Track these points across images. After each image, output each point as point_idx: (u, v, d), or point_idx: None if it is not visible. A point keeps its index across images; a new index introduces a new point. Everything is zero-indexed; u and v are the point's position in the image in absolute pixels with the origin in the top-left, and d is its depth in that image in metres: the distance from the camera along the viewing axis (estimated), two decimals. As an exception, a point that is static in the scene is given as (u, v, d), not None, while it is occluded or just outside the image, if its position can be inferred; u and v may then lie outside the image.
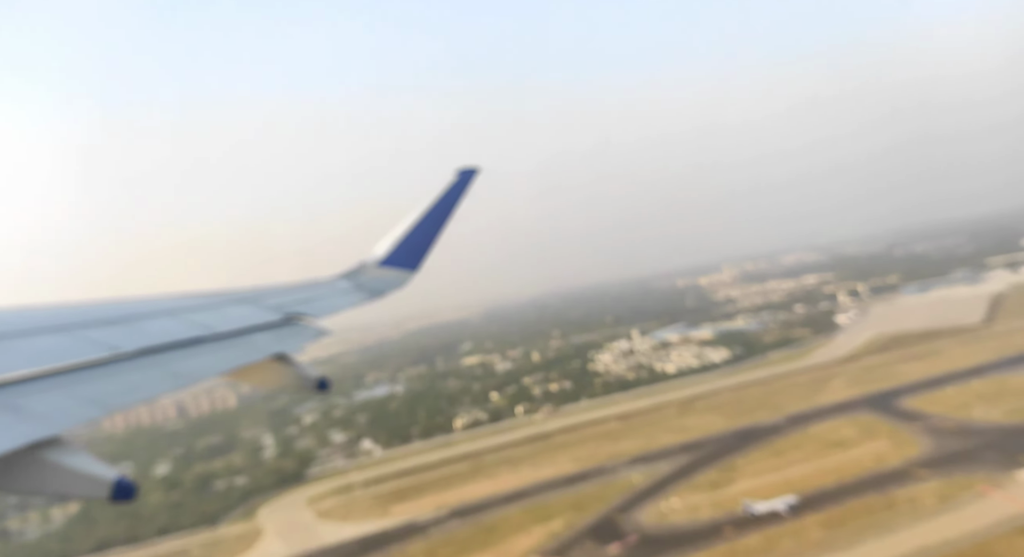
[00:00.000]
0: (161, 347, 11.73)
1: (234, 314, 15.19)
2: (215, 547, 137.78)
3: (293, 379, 13.60)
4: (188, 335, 12.75)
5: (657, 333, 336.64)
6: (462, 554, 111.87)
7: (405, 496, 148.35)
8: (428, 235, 23.13)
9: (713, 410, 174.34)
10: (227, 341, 13.33)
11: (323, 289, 20.16)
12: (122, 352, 10.90)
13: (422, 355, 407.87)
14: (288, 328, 15.33)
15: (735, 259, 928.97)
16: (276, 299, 17.39)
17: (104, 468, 7.64)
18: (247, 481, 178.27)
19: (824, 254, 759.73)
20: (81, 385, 9.33)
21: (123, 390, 9.61)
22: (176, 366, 11.28)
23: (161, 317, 13.56)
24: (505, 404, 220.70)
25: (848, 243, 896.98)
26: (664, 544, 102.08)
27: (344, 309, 18.37)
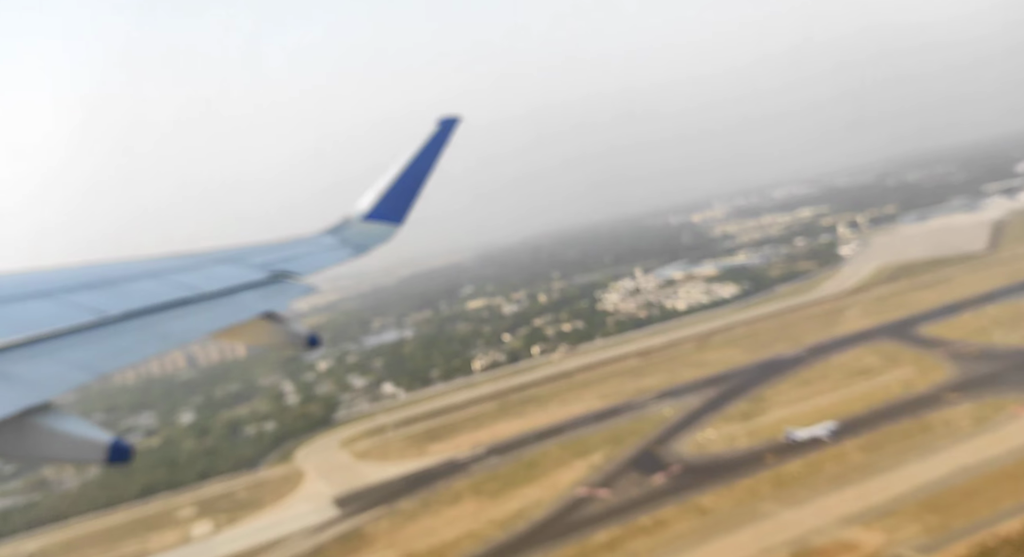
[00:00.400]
0: (147, 309, 11.82)
1: (219, 274, 15.26)
2: (260, 488, 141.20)
3: (283, 337, 13.78)
4: (174, 296, 12.83)
5: (660, 271, 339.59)
6: (508, 489, 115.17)
7: (438, 436, 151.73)
8: (412, 187, 22.99)
9: (731, 344, 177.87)
10: (213, 301, 13.45)
11: (308, 246, 20.23)
12: (108, 316, 10.96)
13: (424, 300, 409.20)
14: (274, 286, 15.43)
15: (725, 195, 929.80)
16: (261, 257, 17.52)
17: (99, 432, 7.79)
18: (276, 426, 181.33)
19: (814, 186, 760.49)
20: (69, 350, 9.38)
21: (112, 354, 9.72)
22: (163, 328, 11.39)
23: (145, 279, 13.61)
24: (521, 345, 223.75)
25: (837, 175, 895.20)
26: (707, 472, 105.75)
27: (330, 265, 18.45)
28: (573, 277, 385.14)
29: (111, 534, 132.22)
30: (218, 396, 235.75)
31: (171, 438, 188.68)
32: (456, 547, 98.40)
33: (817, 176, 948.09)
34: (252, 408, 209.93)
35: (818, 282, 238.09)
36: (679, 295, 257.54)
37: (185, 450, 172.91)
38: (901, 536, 78.34)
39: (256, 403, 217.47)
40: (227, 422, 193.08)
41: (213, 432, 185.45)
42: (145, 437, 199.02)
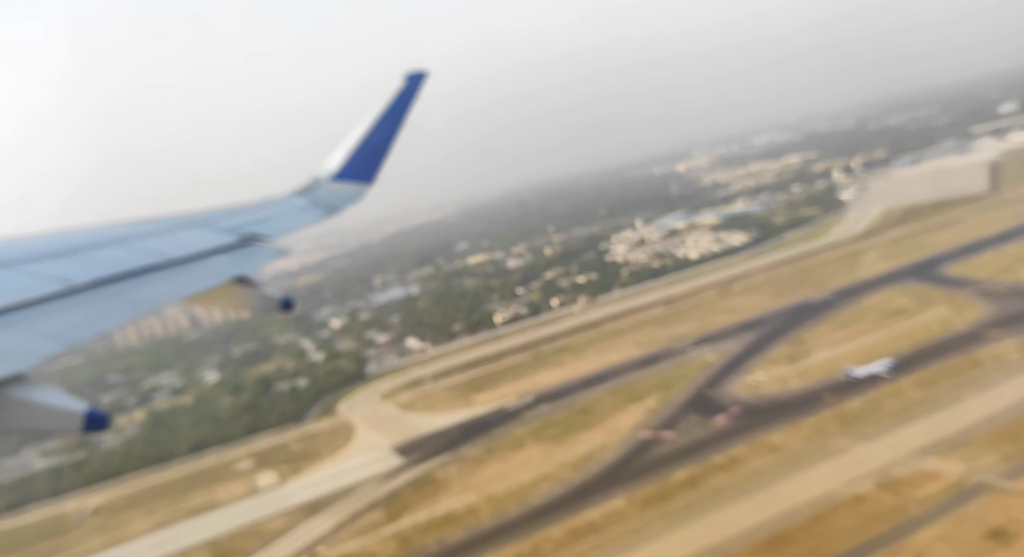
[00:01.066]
0: (115, 277, 11.71)
1: (187, 239, 15.21)
2: (312, 441, 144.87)
3: (255, 301, 13.96)
4: (142, 263, 12.75)
5: (660, 221, 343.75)
6: (569, 434, 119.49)
7: (480, 387, 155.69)
8: (381, 144, 22.55)
9: (754, 291, 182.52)
10: (183, 267, 13.39)
11: (278, 208, 20.08)
12: (76, 284, 10.84)
13: (421, 257, 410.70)
14: (245, 250, 15.46)
15: (703, 144, 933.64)
16: (230, 221, 17.49)
17: (74, 401, 7.84)
18: (310, 382, 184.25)
19: (795, 133, 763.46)
20: (38, 320, 9.33)
21: (82, 323, 9.68)
22: (133, 295, 11.29)
23: (112, 246, 13.53)
24: (539, 298, 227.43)
25: (815, 120, 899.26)
26: (768, 413, 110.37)
27: (301, 227, 18.43)
28: (571, 230, 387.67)
29: (173, 487, 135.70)
30: (236, 355, 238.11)
31: (204, 396, 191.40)
32: (534, 489, 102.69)
33: (794, 122, 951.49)
34: (277, 365, 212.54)
35: (826, 228, 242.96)
36: (687, 244, 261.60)
37: (223, 407, 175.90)
38: (981, 464, 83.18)
39: (279, 361, 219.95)
40: (257, 379, 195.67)
41: (246, 389, 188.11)
42: (172, 395, 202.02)
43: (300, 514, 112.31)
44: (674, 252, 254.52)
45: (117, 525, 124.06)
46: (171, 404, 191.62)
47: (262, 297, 13.98)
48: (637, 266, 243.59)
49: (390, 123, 22.37)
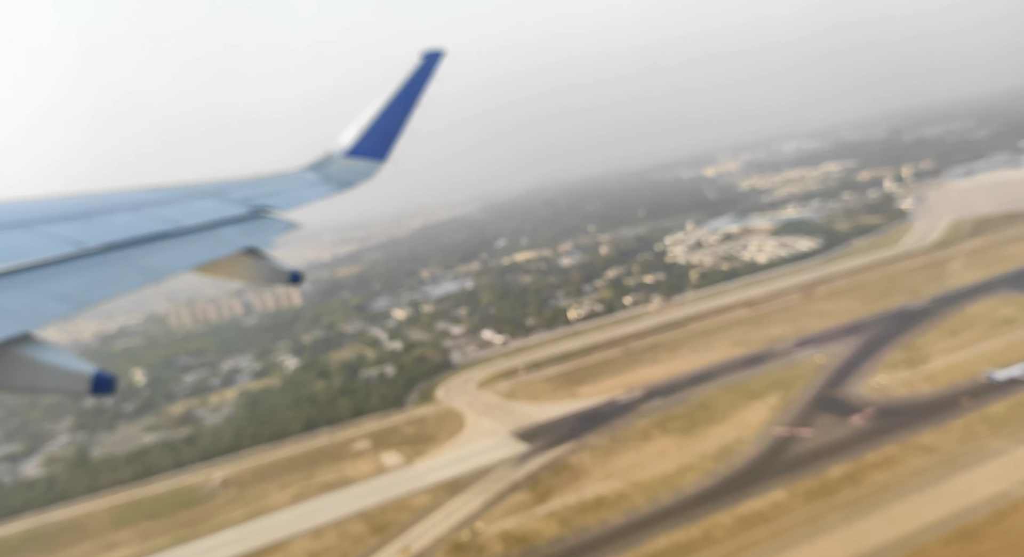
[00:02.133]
0: (127, 242, 11.87)
1: (199, 208, 15.43)
2: (422, 425, 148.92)
3: (265, 272, 14.10)
4: (154, 230, 12.93)
5: (710, 225, 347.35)
6: (696, 428, 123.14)
7: (579, 380, 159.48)
8: (395, 122, 22.74)
9: (842, 296, 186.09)
10: (194, 235, 13.56)
11: (289, 181, 20.22)
12: (87, 248, 10.98)
13: (461, 252, 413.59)
14: (256, 221, 15.71)
15: (727, 149, 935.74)
16: (242, 192, 17.67)
17: (82, 363, 7.90)
18: (396, 370, 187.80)
19: (824, 141, 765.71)
20: (49, 282, 9.37)
21: (92, 286, 9.75)
22: (144, 261, 11.41)
23: (124, 212, 13.67)
24: (611, 295, 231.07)
25: (840, 129, 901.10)
26: (906, 415, 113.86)
27: (312, 201, 18.59)
28: (615, 230, 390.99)
29: (295, 464, 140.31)
30: (307, 341, 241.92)
31: (292, 379, 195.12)
32: (681, 478, 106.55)
33: (819, 130, 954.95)
34: (353, 353, 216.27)
35: (895, 236, 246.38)
36: (750, 248, 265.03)
37: (317, 390, 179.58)
38: None
39: (354, 348, 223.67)
40: (341, 365, 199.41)
41: (334, 374, 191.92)
42: (255, 378, 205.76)
43: (441, 492, 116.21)
44: (739, 255, 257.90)
45: (253, 497, 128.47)
46: (260, 386, 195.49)
47: (271, 269, 14.14)
48: (705, 268, 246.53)
49: (405, 101, 22.68)
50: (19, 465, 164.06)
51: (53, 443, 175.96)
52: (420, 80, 22.76)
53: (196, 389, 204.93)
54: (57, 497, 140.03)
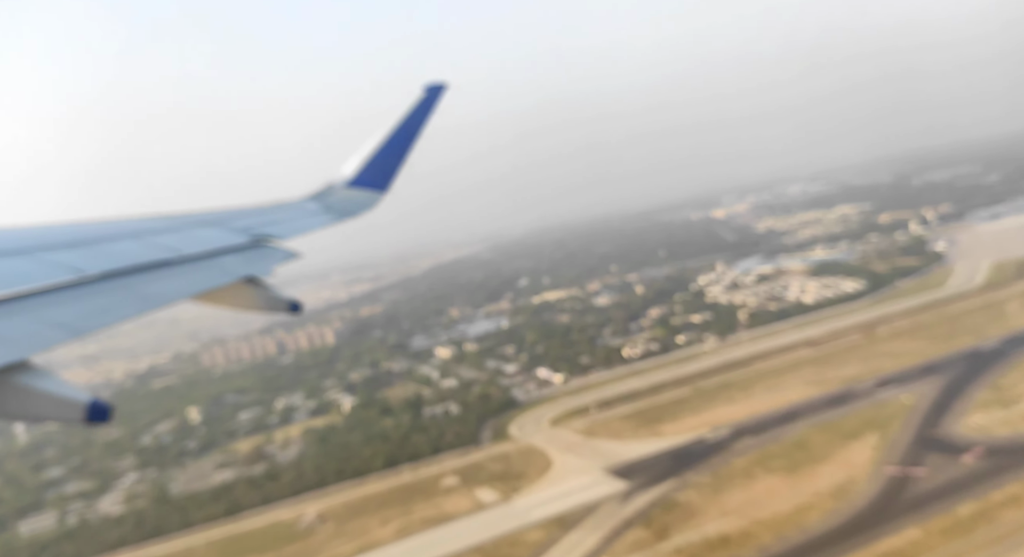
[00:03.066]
0: (127, 270, 11.94)
1: (200, 236, 15.55)
2: (507, 461, 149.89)
3: (264, 301, 14.30)
4: (154, 258, 13.02)
5: (740, 265, 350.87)
6: (800, 467, 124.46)
7: (658, 418, 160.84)
8: (397, 154, 23.05)
9: (906, 337, 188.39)
10: (194, 264, 13.67)
11: (290, 211, 20.43)
12: (87, 275, 11.04)
13: (484, 292, 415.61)
14: (256, 250, 15.87)
15: (729, 191, 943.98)
16: (242, 221, 17.81)
17: (77, 391, 7.86)
18: (460, 408, 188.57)
19: (829, 184, 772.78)
20: (47, 309, 9.44)
21: (91, 313, 9.79)
22: (143, 289, 11.51)
23: (125, 240, 13.76)
24: (663, 335, 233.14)
25: (842, 172, 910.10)
26: (1015, 454, 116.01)
27: (313, 230, 18.74)
28: (640, 271, 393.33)
29: (388, 499, 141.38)
30: (355, 379, 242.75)
31: (355, 417, 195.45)
32: (803, 516, 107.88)
33: (819, 173, 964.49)
34: (407, 391, 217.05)
35: (939, 278, 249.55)
36: (792, 289, 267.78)
37: (386, 427, 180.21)
38: None
39: (407, 386, 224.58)
40: (403, 403, 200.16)
41: (396, 412, 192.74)
42: (312, 416, 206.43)
43: (553, 528, 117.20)
44: (783, 296, 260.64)
45: (355, 532, 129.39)
46: (322, 423, 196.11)
47: (271, 298, 14.36)
48: (752, 308, 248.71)
49: (407, 134, 23.05)
50: (95, 502, 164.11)
51: (123, 480, 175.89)
52: (422, 113, 23.31)
53: (256, 427, 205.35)
54: (151, 533, 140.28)
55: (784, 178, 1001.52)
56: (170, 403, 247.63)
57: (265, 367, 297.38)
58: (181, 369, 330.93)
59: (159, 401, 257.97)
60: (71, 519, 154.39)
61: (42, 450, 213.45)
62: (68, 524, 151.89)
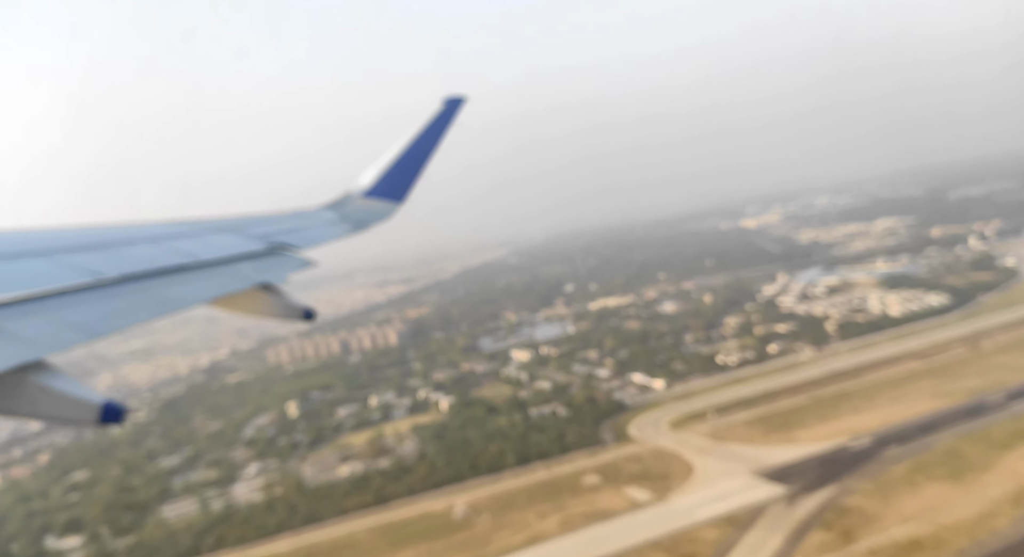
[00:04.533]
0: (144, 274, 12.20)
1: (217, 243, 15.90)
2: (641, 462, 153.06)
3: (279, 308, 14.52)
4: (171, 262, 13.28)
5: (801, 277, 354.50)
6: (961, 475, 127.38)
7: (785, 425, 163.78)
8: (414, 165, 23.47)
9: (1014, 350, 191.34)
10: (211, 269, 13.97)
11: (307, 219, 20.80)
12: (105, 278, 11.28)
13: (531, 296, 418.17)
14: (272, 258, 16.19)
15: (750, 201, 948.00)
16: (260, 229, 18.20)
17: (91, 392, 8.13)
18: (568, 411, 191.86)
19: (856, 197, 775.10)
20: (65, 310, 9.69)
21: (107, 315, 10.05)
22: (160, 293, 11.69)
23: (143, 244, 14.07)
24: (753, 343, 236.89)
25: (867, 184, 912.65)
26: None
27: (329, 240, 19.12)
28: (691, 279, 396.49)
29: (533, 495, 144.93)
30: (441, 379, 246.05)
31: (461, 415, 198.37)
32: (989, 522, 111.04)
33: (841, 185, 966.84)
34: (495, 392, 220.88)
35: (1022, 293, 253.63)
36: (872, 301, 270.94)
37: (501, 426, 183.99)
38: None
39: (495, 387, 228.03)
40: (504, 402, 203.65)
41: (503, 411, 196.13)
42: (409, 414, 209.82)
43: (726, 528, 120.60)
44: (864, 308, 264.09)
45: (516, 524, 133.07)
46: (428, 420, 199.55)
47: (286, 305, 14.65)
48: (839, 319, 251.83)
49: (425, 145, 23.58)
50: (227, 491, 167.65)
51: (246, 471, 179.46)
52: (441, 125, 23.96)
53: (359, 422, 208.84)
54: (306, 519, 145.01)
55: (805, 189, 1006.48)
56: (256, 398, 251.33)
57: (337, 366, 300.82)
58: (247, 365, 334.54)
59: (241, 396, 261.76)
60: (215, 505, 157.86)
61: (143, 441, 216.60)
62: (213, 510, 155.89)
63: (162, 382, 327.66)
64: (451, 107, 24.14)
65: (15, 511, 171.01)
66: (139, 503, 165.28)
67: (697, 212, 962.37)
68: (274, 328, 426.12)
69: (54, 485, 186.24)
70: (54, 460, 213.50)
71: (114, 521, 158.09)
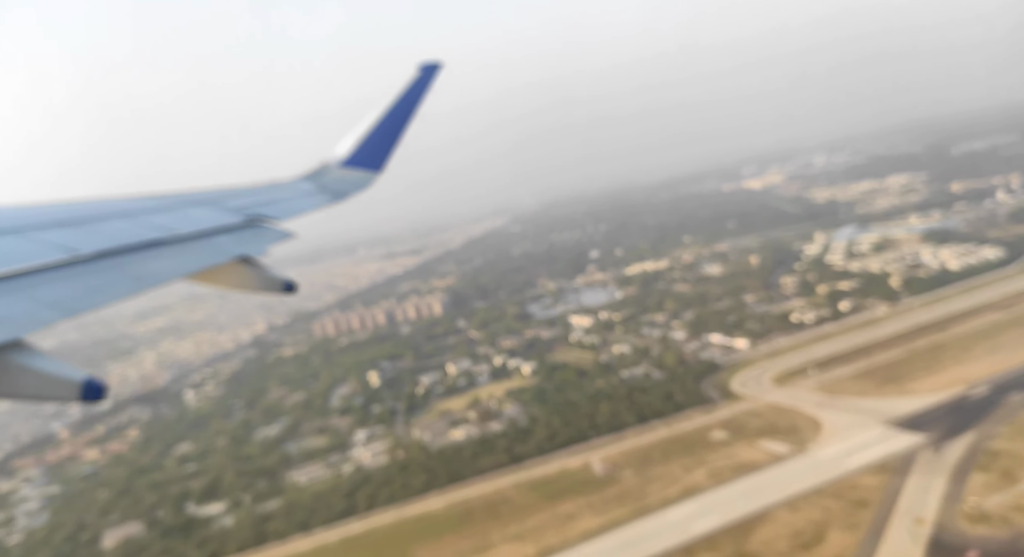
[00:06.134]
0: (120, 249, 12.27)
1: (194, 216, 15.87)
2: (757, 417, 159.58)
3: (258, 281, 14.56)
4: (147, 237, 13.30)
5: (839, 234, 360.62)
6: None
7: (893, 377, 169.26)
8: (391, 134, 23.40)
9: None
10: (188, 243, 14.00)
11: (285, 191, 20.73)
12: (80, 255, 11.34)
13: (559, 264, 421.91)
14: (250, 230, 16.21)
15: (744, 162, 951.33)
16: (237, 201, 18.13)
17: (72, 370, 8.18)
18: (661, 373, 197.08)
19: (853, 155, 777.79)
20: (40, 288, 9.70)
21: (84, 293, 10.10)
22: (137, 268, 11.77)
23: (117, 219, 14.00)
24: (823, 301, 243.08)
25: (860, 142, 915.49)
26: None
27: (307, 211, 19.06)
28: (721, 241, 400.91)
29: (667, 450, 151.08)
30: (511, 346, 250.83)
31: (555, 379, 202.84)
32: None
33: (832, 144, 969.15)
34: (574, 356, 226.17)
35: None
36: (926, 257, 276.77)
37: (600, 387, 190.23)
38: None
39: (572, 352, 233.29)
40: (596, 365, 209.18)
41: (594, 374, 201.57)
42: (495, 380, 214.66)
43: (883, 475, 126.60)
44: (922, 263, 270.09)
45: (663, 477, 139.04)
46: (520, 385, 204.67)
47: (265, 277, 14.62)
48: (903, 276, 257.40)
49: (401, 113, 23.51)
50: (347, 456, 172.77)
51: (354, 437, 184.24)
52: (417, 92, 23.86)
53: (447, 390, 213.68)
54: (449, 479, 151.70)
55: (795, 150, 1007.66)
56: (325, 369, 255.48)
57: (390, 337, 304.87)
58: (293, 339, 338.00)
59: (305, 368, 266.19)
60: (344, 469, 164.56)
61: (232, 414, 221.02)
62: (344, 473, 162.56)
63: (213, 357, 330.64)
64: (427, 74, 24.07)
65: (138, 483, 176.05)
66: (265, 469, 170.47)
67: (689, 175, 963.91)
68: (302, 302, 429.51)
69: (163, 457, 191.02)
70: (149, 435, 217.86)
71: (248, 487, 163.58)
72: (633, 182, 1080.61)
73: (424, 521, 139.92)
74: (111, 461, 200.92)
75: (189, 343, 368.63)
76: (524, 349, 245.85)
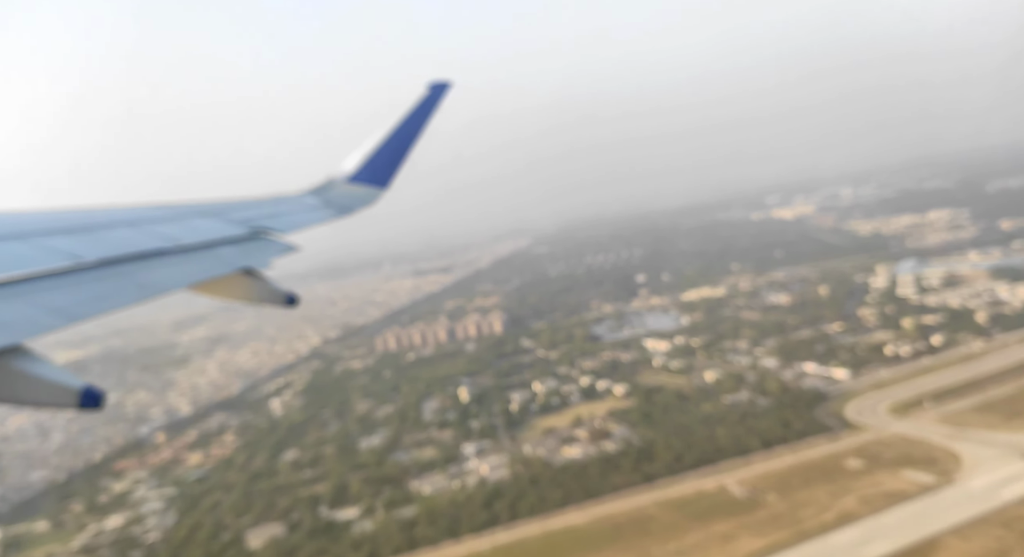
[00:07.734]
0: (124, 258, 12.45)
1: (199, 227, 16.08)
2: (894, 448, 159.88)
3: (261, 293, 14.78)
4: (152, 246, 13.57)
5: (901, 268, 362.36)
6: None
7: (1016, 411, 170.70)
8: (398, 151, 23.67)
9: None
10: (192, 254, 14.27)
11: (290, 204, 20.96)
12: (84, 262, 11.52)
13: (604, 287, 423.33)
14: (255, 243, 16.42)
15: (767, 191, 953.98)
16: (242, 213, 18.36)
17: (70, 377, 8.21)
18: (768, 401, 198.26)
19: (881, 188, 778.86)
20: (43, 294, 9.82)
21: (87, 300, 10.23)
22: (141, 277, 11.95)
23: (123, 227, 14.24)
24: (912, 333, 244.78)
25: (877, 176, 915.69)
26: None
27: (311, 225, 19.24)
28: (772, 270, 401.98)
29: (804, 476, 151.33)
30: (589, 367, 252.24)
31: (653, 402, 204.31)
32: None
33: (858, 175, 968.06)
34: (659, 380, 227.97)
35: None
36: (1002, 293, 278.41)
37: (708, 412, 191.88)
38: None
39: (657, 376, 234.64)
40: (694, 391, 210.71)
41: (692, 398, 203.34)
42: (585, 400, 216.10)
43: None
44: (1001, 299, 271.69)
45: (810, 503, 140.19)
46: (619, 406, 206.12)
47: (268, 290, 14.79)
48: (989, 312, 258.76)
49: (409, 130, 23.79)
50: (462, 468, 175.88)
51: (466, 451, 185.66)
52: (426, 110, 24.19)
53: (542, 408, 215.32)
54: (583, 496, 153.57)
55: (812, 179, 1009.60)
56: (403, 384, 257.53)
57: (457, 353, 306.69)
58: (353, 353, 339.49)
59: (379, 381, 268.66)
60: (468, 481, 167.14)
61: (326, 425, 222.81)
62: (468, 485, 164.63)
63: (278, 368, 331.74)
64: (436, 92, 24.33)
65: (258, 487, 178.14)
66: (388, 478, 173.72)
67: (710, 202, 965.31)
68: (348, 317, 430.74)
69: (274, 463, 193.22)
70: (250, 440, 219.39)
71: (376, 494, 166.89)
72: (649, 207, 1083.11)
73: (572, 534, 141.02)
74: (219, 465, 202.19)
75: (246, 353, 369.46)
76: (608, 371, 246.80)
